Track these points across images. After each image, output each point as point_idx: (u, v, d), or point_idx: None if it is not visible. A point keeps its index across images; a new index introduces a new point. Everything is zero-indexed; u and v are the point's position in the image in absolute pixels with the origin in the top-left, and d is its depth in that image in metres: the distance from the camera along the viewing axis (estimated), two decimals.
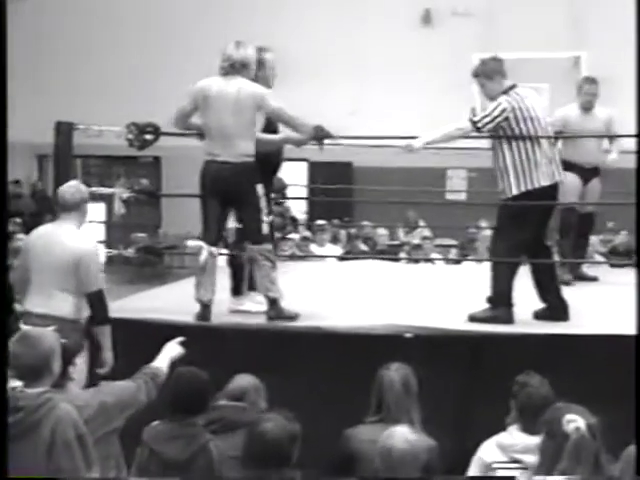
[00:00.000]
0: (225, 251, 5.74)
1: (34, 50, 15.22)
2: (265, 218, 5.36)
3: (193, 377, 3.89)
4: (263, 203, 5.38)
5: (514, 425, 3.82)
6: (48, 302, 4.96)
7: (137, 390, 3.84)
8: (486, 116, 5.40)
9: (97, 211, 14.93)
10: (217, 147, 5.26)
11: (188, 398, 3.82)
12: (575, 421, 3.20)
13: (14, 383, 3.46)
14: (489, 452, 3.79)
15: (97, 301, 4.94)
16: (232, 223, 5.86)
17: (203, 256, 5.27)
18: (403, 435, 3.39)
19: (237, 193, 5.28)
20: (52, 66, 15.31)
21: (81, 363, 4.15)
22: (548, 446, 3.32)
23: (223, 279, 5.71)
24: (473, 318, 5.37)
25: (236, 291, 5.85)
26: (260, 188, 5.34)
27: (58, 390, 3.69)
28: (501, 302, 5.37)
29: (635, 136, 6.76)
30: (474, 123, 5.41)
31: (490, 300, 5.44)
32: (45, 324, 4.86)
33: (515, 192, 5.37)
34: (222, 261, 7.33)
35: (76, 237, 4.98)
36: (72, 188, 5.15)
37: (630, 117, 6.83)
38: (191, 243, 5.42)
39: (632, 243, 10.30)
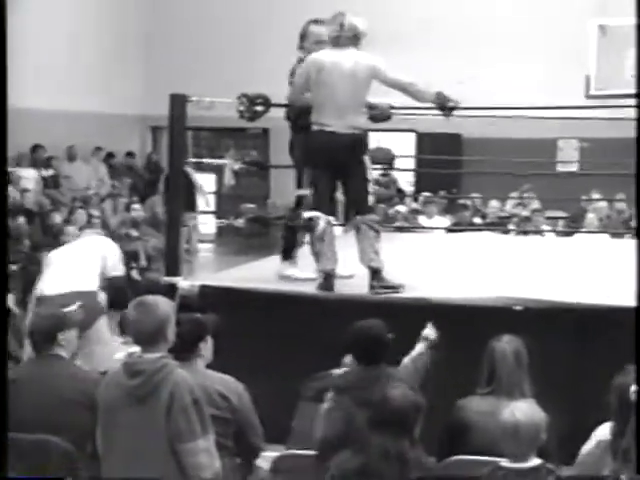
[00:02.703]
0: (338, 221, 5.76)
1: (148, 23, 15.50)
2: (371, 189, 5.39)
3: (373, 328, 4.11)
4: (370, 174, 5.40)
5: None
6: (68, 281, 5.29)
7: None
8: None
9: (207, 182, 15.29)
10: (329, 118, 5.27)
11: (369, 346, 4.03)
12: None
13: (132, 348, 3.59)
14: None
15: (120, 286, 5.42)
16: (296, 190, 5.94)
17: (321, 226, 5.33)
18: (524, 410, 3.38)
19: (347, 164, 5.29)
20: (166, 38, 15.56)
21: (210, 343, 4.19)
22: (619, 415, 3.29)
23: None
24: None
25: (286, 257, 5.91)
26: (368, 159, 5.36)
27: (185, 364, 3.79)
28: None
29: None
30: None
31: None
32: (64, 303, 5.09)
33: None
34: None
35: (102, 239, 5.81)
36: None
37: None
38: (308, 214, 5.47)
39: None
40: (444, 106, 5.42)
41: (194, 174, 5.72)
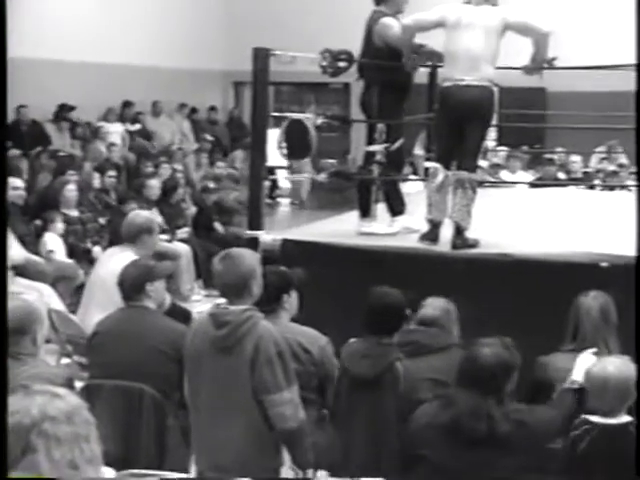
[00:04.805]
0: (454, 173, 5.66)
1: None
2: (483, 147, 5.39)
3: (386, 296, 3.91)
4: (488, 133, 5.40)
5: None
6: None
7: None
8: None
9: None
10: (461, 71, 5.23)
11: (380, 317, 3.84)
12: None
13: (219, 300, 3.64)
14: None
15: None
16: (364, 147, 5.95)
17: (439, 178, 5.33)
18: (616, 364, 3.33)
19: (473, 115, 5.24)
20: None
21: (295, 296, 4.23)
22: None
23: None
24: None
25: (364, 214, 5.91)
26: (492, 117, 5.37)
27: (269, 316, 3.82)
28: None
29: None
30: None
31: None
32: None
33: None
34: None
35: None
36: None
37: None
38: (428, 165, 5.50)
39: None
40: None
41: (310, 124, 5.76)
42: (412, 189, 7.42)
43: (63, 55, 11.90)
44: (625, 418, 3.36)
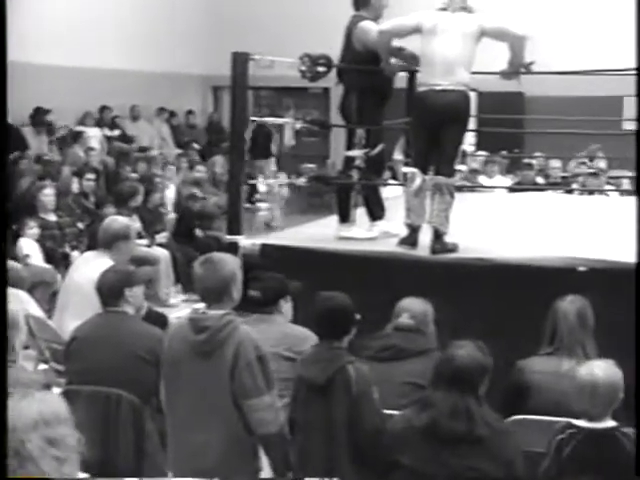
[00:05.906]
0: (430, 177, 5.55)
1: None
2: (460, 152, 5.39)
3: (333, 300, 3.82)
4: (465, 138, 5.43)
5: None
6: None
7: None
8: None
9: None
10: (436, 76, 5.26)
11: (329, 321, 3.77)
12: None
13: (198, 305, 3.64)
14: None
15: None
16: (343, 152, 5.97)
17: (417, 182, 5.35)
18: (603, 368, 3.35)
19: (449, 120, 5.26)
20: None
21: (289, 304, 4.32)
22: None
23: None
24: None
25: (343, 218, 5.92)
26: (469, 123, 5.42)
27: (267, 317, 3.84)
28: None
29: None
30: None
31: None
32: None
33: None
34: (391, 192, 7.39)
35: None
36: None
37: None
38: (406, 169, 5.52)
39: None
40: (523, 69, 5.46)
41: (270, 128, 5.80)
42: (391, 194, 7.44)
43: (41, 59, 11.85)
44: (610, 423, 3.38)
